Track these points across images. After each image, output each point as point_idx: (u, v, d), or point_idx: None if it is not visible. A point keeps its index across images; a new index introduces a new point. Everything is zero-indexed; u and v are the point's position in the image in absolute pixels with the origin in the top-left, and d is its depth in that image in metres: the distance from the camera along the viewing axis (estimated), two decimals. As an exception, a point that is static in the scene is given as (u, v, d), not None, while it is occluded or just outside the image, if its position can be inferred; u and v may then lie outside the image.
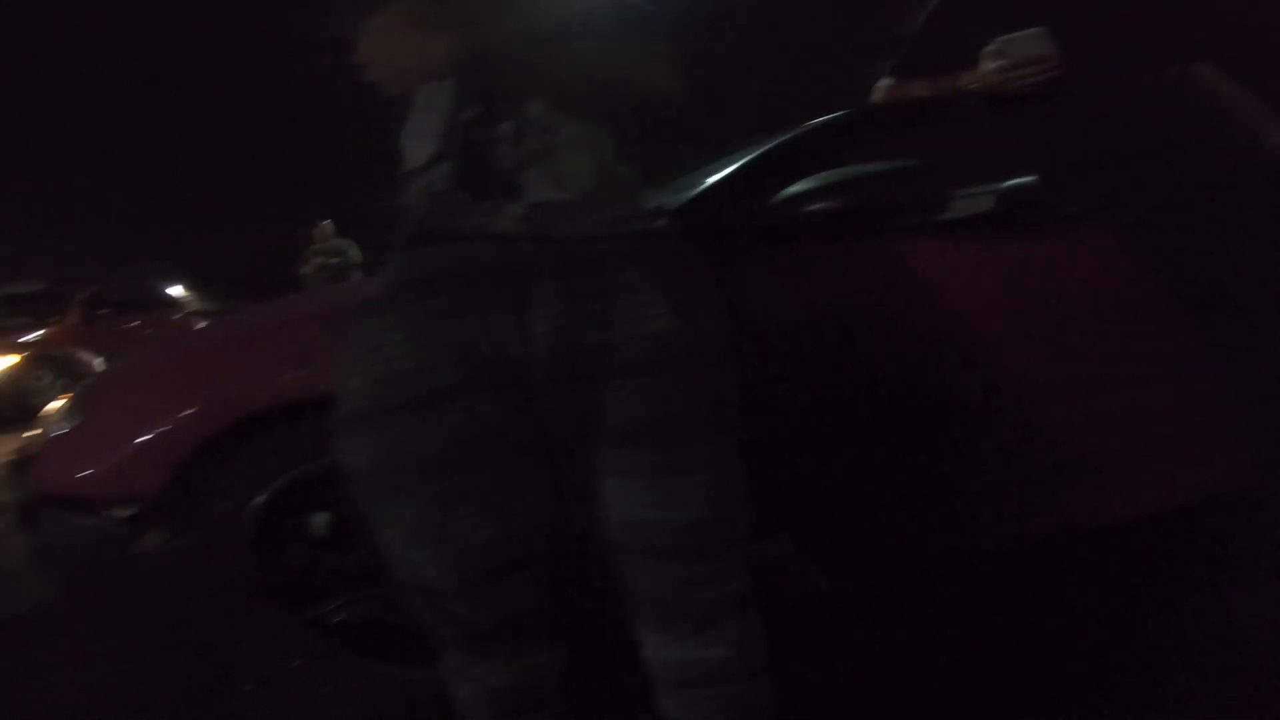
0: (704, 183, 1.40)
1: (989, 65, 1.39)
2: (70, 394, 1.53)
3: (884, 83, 1.58)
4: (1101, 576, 1.52)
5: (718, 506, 0.78)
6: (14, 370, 6.11)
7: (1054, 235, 1.42)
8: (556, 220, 0.75)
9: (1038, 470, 1.41)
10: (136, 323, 7.67)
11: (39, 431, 1.45)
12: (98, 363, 6.65)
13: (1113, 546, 1.55)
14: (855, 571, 1.39)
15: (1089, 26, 1.35)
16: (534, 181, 0.75)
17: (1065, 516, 1.43)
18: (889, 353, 1.34)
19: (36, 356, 6.33)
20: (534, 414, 0.75)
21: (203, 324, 6.66)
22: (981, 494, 1.40)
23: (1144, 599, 1.43)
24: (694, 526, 0.77)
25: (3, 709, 1.51)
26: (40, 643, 1.81)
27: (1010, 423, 1.39)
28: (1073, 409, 1.40)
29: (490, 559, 0.74)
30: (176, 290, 9.84)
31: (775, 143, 1.44)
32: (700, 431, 0.77)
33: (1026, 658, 1.31)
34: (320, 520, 1.27)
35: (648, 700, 0.86)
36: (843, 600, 1.45)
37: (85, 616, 1.75)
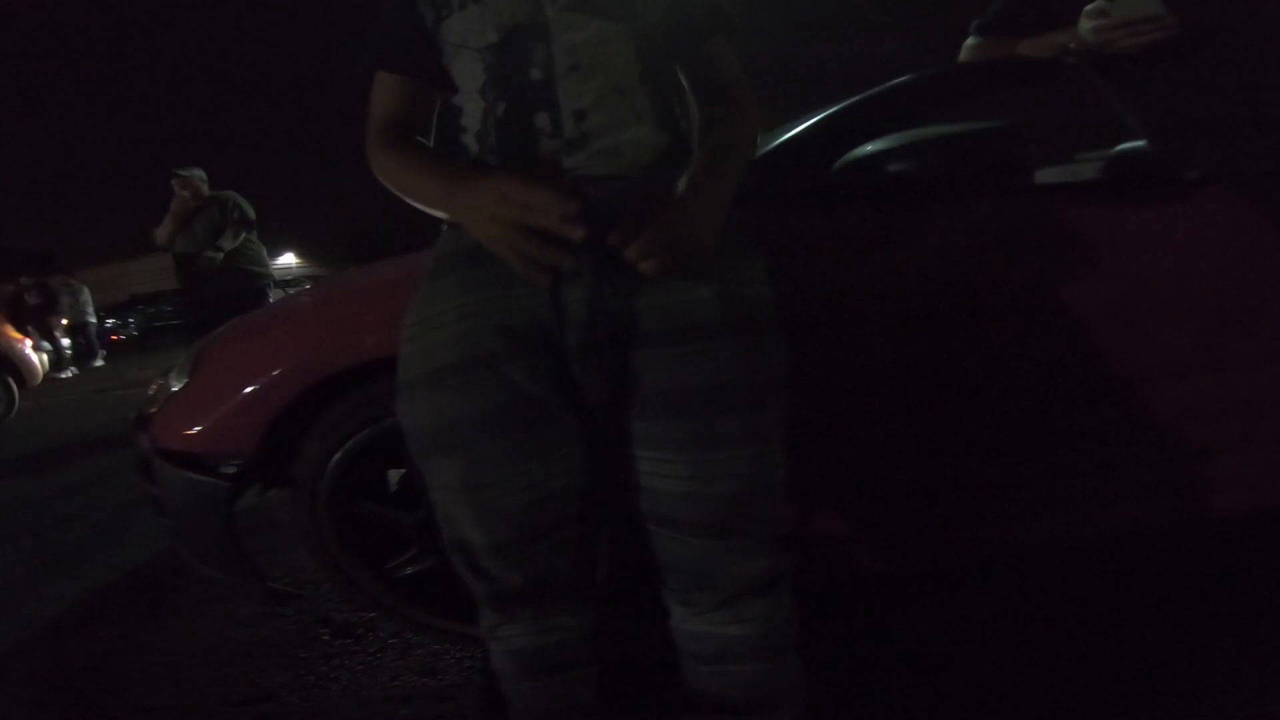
0: (767, 145, 1.35)
1: (1089, 24, 1.27)
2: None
3: (972, 41, 1.47)
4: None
5: (748, 483, 0.76)
6: None
7: (1168, 203, 1.28)
8: (596, 192, 0.75)
9: (1133, 462, 1.30)
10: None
11: (159, 388, 1.55)
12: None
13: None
14: (923, 556, 1.32)
15: None
16: (576, 162, 0.76)
17: (1173, 509, 1.31)
18: (968, 330, 1.25)
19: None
20: (568, 382, 0.76)
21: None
22: (1062, 483, 1.30)
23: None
24: (720, 502, 0.75)
25: (157, 643, 1.67)
26: (172, 587, 1.96)
27: (1107, 409, 1.27)
28: (1182, 394, 1.27)
29: (521, 521, 0.76)
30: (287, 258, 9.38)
31: (845, 105, 1.37)
32: (734, 405, 0.74)
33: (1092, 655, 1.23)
34: (391, 477, 1.33)
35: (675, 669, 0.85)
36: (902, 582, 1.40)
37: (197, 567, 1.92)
